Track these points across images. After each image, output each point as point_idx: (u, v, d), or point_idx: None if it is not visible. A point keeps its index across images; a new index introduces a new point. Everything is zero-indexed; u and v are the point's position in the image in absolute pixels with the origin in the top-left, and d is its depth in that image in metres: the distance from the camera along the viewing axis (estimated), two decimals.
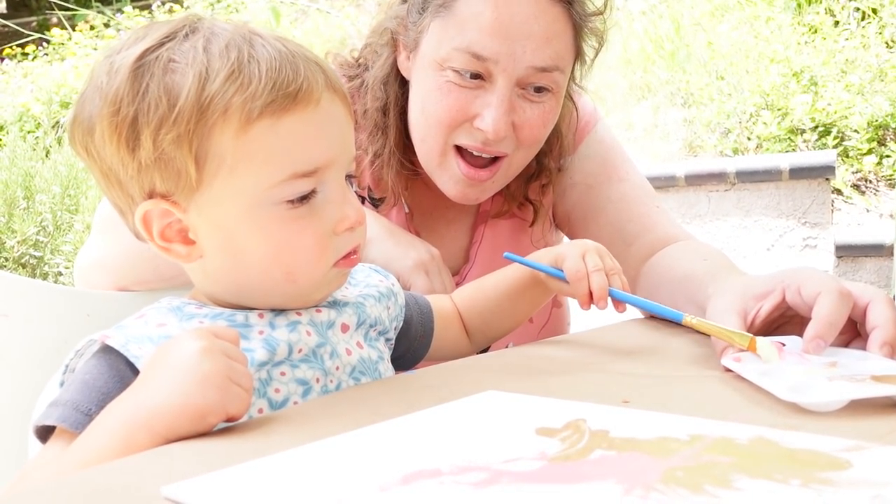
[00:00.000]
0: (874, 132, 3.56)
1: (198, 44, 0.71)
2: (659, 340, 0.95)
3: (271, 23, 5.45)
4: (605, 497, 0.46)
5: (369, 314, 0.83)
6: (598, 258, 0.88)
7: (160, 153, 0.70)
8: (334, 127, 0.74)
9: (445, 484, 0.49)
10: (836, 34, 4.12)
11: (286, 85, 0.70)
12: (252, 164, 0.71)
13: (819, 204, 3.17)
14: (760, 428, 0.57)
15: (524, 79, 1.04)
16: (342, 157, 0.75)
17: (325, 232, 0.74)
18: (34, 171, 3.51)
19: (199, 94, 0.69)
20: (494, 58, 1.02)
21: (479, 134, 1.05)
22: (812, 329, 0.75)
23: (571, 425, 0.60)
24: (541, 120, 1.07)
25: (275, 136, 0.70)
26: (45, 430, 0.69)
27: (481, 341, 1.00)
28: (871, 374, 0.66)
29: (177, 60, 0.70)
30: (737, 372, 0.73)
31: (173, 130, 0.69)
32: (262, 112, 0.69)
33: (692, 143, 3.89)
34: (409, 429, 0.62)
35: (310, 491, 0.50)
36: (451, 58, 1.03)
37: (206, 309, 0.76)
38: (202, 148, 0.70)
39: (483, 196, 1.12)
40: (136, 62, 0.70)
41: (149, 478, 0.54)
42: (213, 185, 0.71)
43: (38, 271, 3.32)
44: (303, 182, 0.72)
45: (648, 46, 4.39)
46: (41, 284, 1.00)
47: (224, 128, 0.69)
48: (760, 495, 0.45)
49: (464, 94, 1.04)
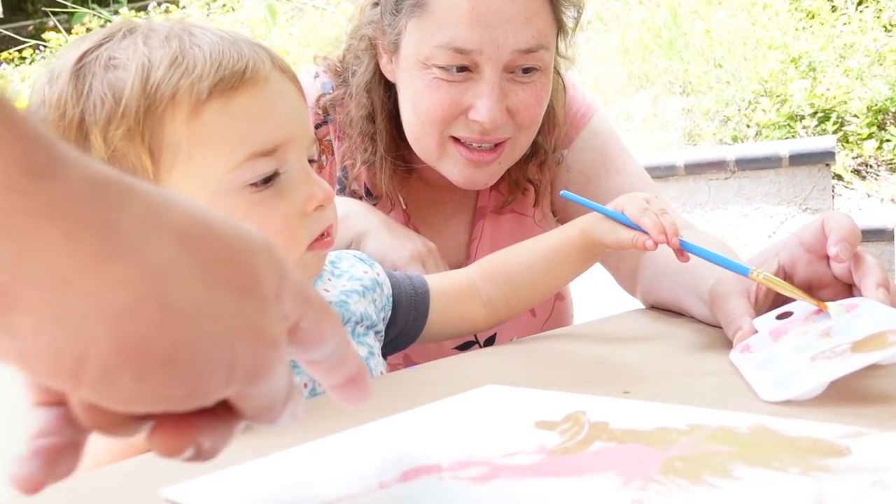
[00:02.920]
0: (874, 117, 3.56)
1: (137, 40, 0.70)
2: (660, 331, 0.95)
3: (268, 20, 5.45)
4: (604, 489, 0.46)
5: (354, 311, 0.82)
6: (657, 201, 0.86)
7: (112, 151, 0.69)
8: (288, 104, 0.73)
9: (445, 479, 0.49)
10: (833, 19, 4.11)
11: (232, 64, 0.69)
12: (209, 148, 0.69)
13: (820, 190, 3.16)
14: (760, 416, 0.57)
15: (510, 63, 1.04)
16: (300, 135, 0.73)
17: (293, 213, 0.72)
18: None
19: (144, 84, 0.68)
20: (478, 49, 1.01)
21: (475, 126, 1.05)
22: (834, 235, 0.78)
23: (571, 418, 0.60)
24: (534, 99, 1.07)
25: (228, 116, 0.69)
26: None
27: (503, 312, 0.95)
28: (853, 341, 0.65)
29: (117, 57, 0.69)
30: (736, 367, 0.73)
31: (122, 125, 0.68)
32: (212, 92, 0.68)
33: (691, 131, 3.89)
34: (408, 425, 0.62)
35: (310, 490, 0.50)
36: (434, 56, 1.03)
37: None
38: (155, 139, 0.69)
39: (490, 179, 1.11)
40: (76, 65, 0.70)
41: (149, 479, 0.54)
42: (172, 176, 0.70)
43: None
44: (263, 162, 0.70)
45: (646, 36, 4.38)
46: None
47: (175, 115, 0.68)
48: (759, 484, 0.45)
49: (453, 88, 1.04)
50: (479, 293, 0.94)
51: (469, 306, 0.94)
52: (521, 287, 0.94)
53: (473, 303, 0.94)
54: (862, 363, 0.61)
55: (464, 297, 0.94)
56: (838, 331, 0.69)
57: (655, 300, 1.08)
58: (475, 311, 0.94)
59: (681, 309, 1.00)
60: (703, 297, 0.91)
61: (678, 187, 3.29)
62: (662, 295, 1.05)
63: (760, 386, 0.65)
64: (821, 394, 0.62)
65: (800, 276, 0.83)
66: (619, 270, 1.17)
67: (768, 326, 0.76)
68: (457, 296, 0.94)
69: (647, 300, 1.11)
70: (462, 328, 0.95)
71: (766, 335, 0.74)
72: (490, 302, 0.94)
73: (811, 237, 0.82)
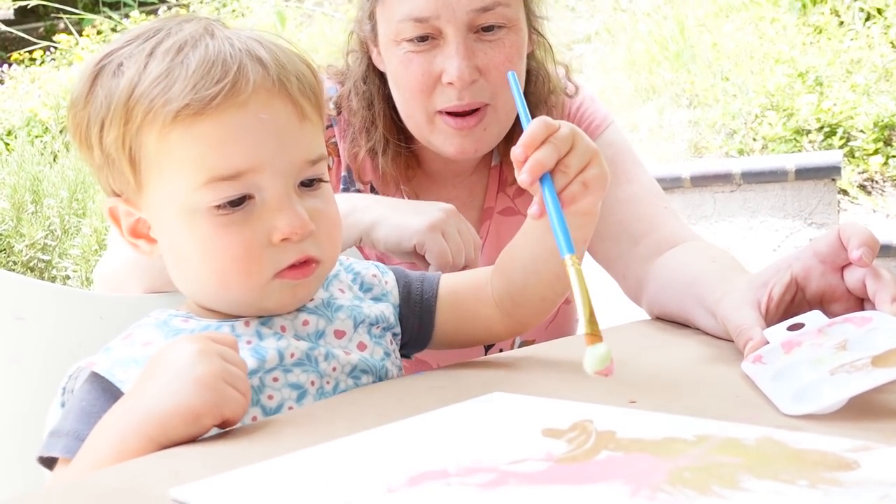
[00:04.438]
0: (880, 132, 3.55)
1: (150, 45, 0.72)
2: (666, 342, 0.95)
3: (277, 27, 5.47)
4: (612, 498, 0.46)
5: (368, 314, 0.81)
6: (569, 137, 0.73)
7: (107, 154, 0.73)
8: (264, 130, 0.71)
9: (452, 485, 0.50)
10: (841, 34, 4.11)
11: (206, 88, 0.69)
12: (174, 167, 0.71)
13: (825, 205, 3.16)
14: (767, 429, 0.57)
15: (472, 23, 1.06)
16: (278, 161, 0.72)
17: (257, 241, 0.71)
18: (42, 175, 3.53)
19: (128, 96, 0.71)
20: (434, 14, 1.05)
21: (451, 90, 1.07)
22: (855, 240, 0.78)
23: (578, 426, 0.60)
24: (504, 56, 1.08)
25: (190, 140, 0.70)
26: (50, 459, 0.70)
27: (513, 311, 0.86)
28: (872, 355, 0.65)
29: (125, 63, 0.72)
30: (752, 378, 0.73)
31: (111, 132, 0.72)
32: (177, 117, 0.69)
33: (697, 143, 3.89)
34: (415, 430, 0.62)
35: (317, 492, 0.50)
36: (400, 31, 1.07)
37: (192, 322, 0.76)
38: (135, 150, 0.72)
39: (480, 146, 1.12)
40: (96, 66, 0.74)
41: (156, 479, 0.55)
42: (150, 186, 0.73)
43: (46, 275, 3.33)
44: (225, 186, 0.70)
45: (653, 48, 4.39)
46: (55, 287, 1.00)
47: (150, 130, 0.71)
48: (768, 496, 0.45)
49: (424, 58, 1.07)
50: (490, 289, 0.86)
51: (480, 307, 0.86)
52: (515, 276, 0.83)
53: (485, 304, 0.86)
54: (885, 378, 0.61)
55: (476, 296, 0.87)
56: (855, 344, 0.69)
57: (661, 311, 1.08)
58: (487, 312, 0.86)
59: (687, 320, 1.00)
60: (711, 309, 0.91)
61: (684, 199, 3.29)
62: (669, 305, 1.05)
63: (780, 398, 0.65)
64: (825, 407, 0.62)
65: (813, 288, 0.83)
66: (626, 279, 1.17)
67: (780, 338, 0.76)
68: (469, 295, 0.87)
69: (653, 310, 1.11)
70: (478, 331, 0.88)
71: (778, 346, 0.74)
72: (500, 301, 0.85)
73: (827, 247, 0.82)
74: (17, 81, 5.56)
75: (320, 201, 0.76)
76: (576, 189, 0.73)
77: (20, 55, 5.97)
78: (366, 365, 0.79)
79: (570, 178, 0.73)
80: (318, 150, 0.76)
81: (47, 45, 5.90)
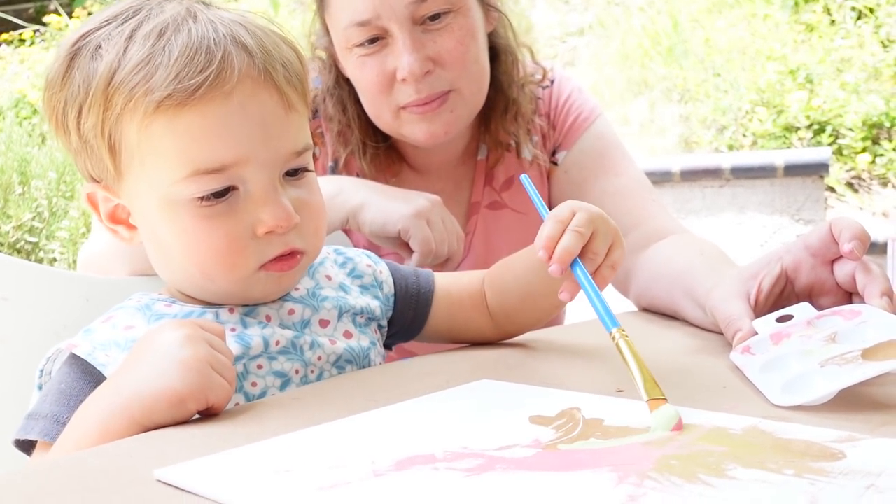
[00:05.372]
0: (868, 131, 3.58)
1: (129, 27, 0.69)
2: (654, 333, 0.96)
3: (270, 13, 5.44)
4: (599, 485, 0.46)
5: (353, 304, 0.81)
6: (591, 222, 0.73)
7: (85, 140, 0.71)
8: (249, 121, 0.69)
9: (440, 470, 0.50)
10: (832, 33, 4.13)
11: (189, 77, 0.66)
12: (156, 158, 0.69)
13: (813, 201, 3.18)
14: (754, 419, 0.57)
15: (413, 15, 1.05)
16: (263, 153, 0.70)
17: (241, 233, 0.70)
18: (30, 156, 3.50)
19: (108, 82, 0.68)
20: (375, 15, 1.04)
21: (408, 86, 1.07)
22: (847, 234, 0.79)
23: (565, 414, 0.60)
24: (454, 40, 1.07)
25: (172, 132, 0.68)
26: (28, 442, 0.69)
27: (506, 325, 0.88)
28: (863, 348, 0.66)
29: (103, 46, 0.69)
30: (740, 368, 0.73)
31: (90, 118, 0.69)
32: (159, 107, 0.67)
33: (688, 138, 3.90)
34: (403, 415, 0.62)
35: (304, 476, 0.50)
36: (348, 38, 1.08)
37: (175, 307, 0.75)
38: (115, 137, 0.70)
39: (449, 128, 1.12)
40: (72, 47, 0.71)
41: (142, 461, 0.54)
42: (130, 175, 0.71)
43: (33, 257, 3.31)
44: (209, 179, 0.69)
45: (646, 42, 4.39)
46: (40, 268, 0.99)
47: (131, 119, 0.68)
48: (754, 484, 0.45)
49: (376, 60, 1.07)
50: (485, 301, 0.87)
51: (475, 314, 0.87)
52: (517, 306, 0.86)
53: (480, 312, 0.87)
54: (876, 372, 0.61)
55: (472, 302, 0.88)
56: (845, 337, 0.69)
57: (649, 302, 1.08)
58: (482, 320, 0.87)
59: (675, 312, 1.01)
60: (700, 301, 0.91)
61: (673, 193, 3.30)
62: (657, 297, 1.05)
63: (769, 389, 0.65)
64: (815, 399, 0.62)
65: (802, 281, 0.84)
66: None
67: (769, 329, 0.76)
68: (465, 300, 0.88)
69: (641, 302, 1.11)
70: (469, 335, 0.89)
71: (767, 338, 0.75)
72: (493, 313, 0.87)
73: (818, 241, 0.82)
74: (6, 62, 5.52)
75: (305, 191, 0.74)
76: (606, 273, 0.75)
77: (9, 36, 5.92)
78: (351, 354, 0.79)
79: (599, 263, 0.74)
80: (303, 140, 0.74)
81: (37, 27, 5.85)
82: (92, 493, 0.50)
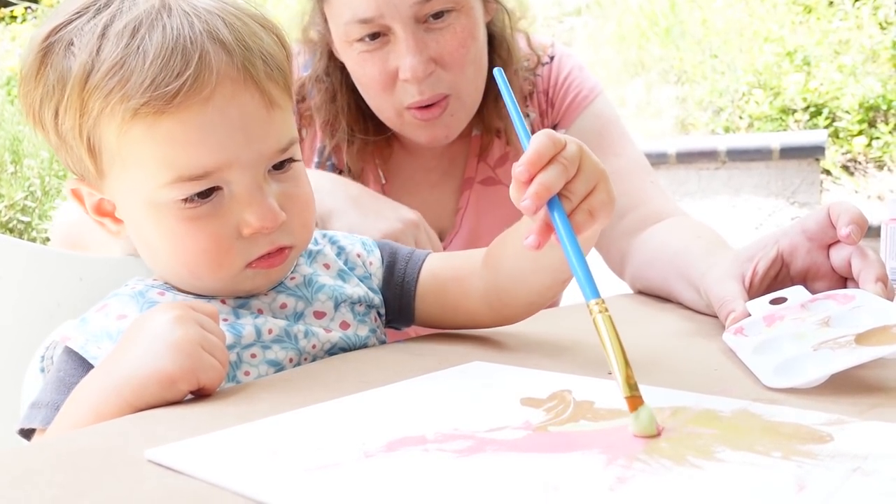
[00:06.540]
0: (865, 114, 3.57)
1: (101, 22, 0.67)
2: (647, 315, 0.96)
3: None
4: (588, 466, 0.46)
5: (350, 294, 0.80)
6: (577, 157, 0.62)
7: (64, 140, 0.70)
8: (230, 126, 0.68)
9: (430, 451, 0.50)
10: (830, 14, 4.11)
11: (165, 83, 0.64)
12: (137, 163, 0.68)
13: (808, 184, 3.18)
14: (744, 401, 0.58)
15: (418, 14, 1.04)
16: (245, 155, 0.69)
17: (227, 234, 0.70)
18: (22, 135, 3.48)
19: (83, 86, 0.66)
20: (378, 13, 1.03)
21: (410, 86, 1.06)
22: (845, 217, 0.79)
23: (556, 396, 0.60)
24: (457, 40, 1.07)
25: (152, 139, 0.66)
26: (31, 431, 0.69)
27: (499, 307, 0.81)
28: (856, 333, 0.66)
29: (75, 43, 0.67)
30: (733, 349, 0.73)
31: (66, 121, 0.68)
32: (136, 114, 0.65)
33: (684, 120, 3.90)
34: (394, 397, 0.62)
35: (294, 456, 0.50)
36: (349, 33, 1.06)
37: (168, 295, 0.75)
38: (94, 140, 0.68)
39: (450, 132, 1.12)
40: (44, 42, 0.69)
41: (133, 441, 0.54)
42: (112, 175, 0.70)
43: (25, 236, 3.30)
44: (192, 184, 0.68)
45: (643, 23, 4.37)
46: (33, 247, 0.99)
47: (109, 123, 0.67)
48: (742, 466, 0.45)
49: (377, 57, 1.06)
50: (478, 282, 0.81)
51: (463, 297, 0.82)
52: (503, 276, 0.78)
53: (469, 294, 0.82)
54: (869, 357, 0.61)
55: (457, 286, 0.82)
56: (838, 321, 0.70)
57: (644, 284, 1.08)
58: (472, 303, 0.82)
59: (669, 294, 1.01)
60: (695, 283, 0.91)
61: (669, 175, 3.30)
62: (652, 280, 1.05)
63: (761, 371, 0.65)
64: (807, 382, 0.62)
65: (798, 265, 0.84)
66: (609, 252, 1.17)
67: (762, 311, 0.76)
68: (450, 283, 0.83)
69: (636, 284, 1.12)
70: (461, 320, 0.85)
71: (760, 319, 0.75)
72: (487, 296, 0.80)
73: (815, 225, 0.83)
74: None
75: (291, 184, 0.73)
76: (581, 218, 0.62)
77: (0, 13, 5.87)
78: (346, 343, 0.79)
79: (575, 205, 0.62)
80: (287, 136, 0.72)
81: (28, 3, 5.80)
82: (82, 472, 0.50)
